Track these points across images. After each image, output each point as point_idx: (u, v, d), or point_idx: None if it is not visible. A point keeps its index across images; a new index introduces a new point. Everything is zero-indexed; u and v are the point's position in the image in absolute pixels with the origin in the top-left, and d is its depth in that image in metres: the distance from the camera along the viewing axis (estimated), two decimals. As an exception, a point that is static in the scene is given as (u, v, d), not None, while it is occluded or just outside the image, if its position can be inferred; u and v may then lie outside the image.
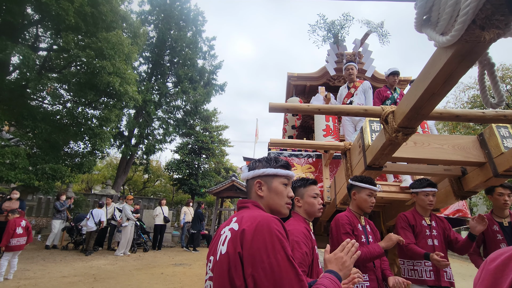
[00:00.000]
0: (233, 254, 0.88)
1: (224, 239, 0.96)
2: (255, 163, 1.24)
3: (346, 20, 5.37)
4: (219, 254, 0.94)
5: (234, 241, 0.91)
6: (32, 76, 8.49)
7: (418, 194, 2.65)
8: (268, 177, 1.18)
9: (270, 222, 0.93)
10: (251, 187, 1.18)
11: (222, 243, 0.95)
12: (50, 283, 5.00)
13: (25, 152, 8.21)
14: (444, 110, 1.73)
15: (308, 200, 1.90)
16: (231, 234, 0.94)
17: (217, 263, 0.94)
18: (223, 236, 0.99)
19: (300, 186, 1.91)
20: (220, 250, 0.94)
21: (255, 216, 0.96)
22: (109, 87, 9.23)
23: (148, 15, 16.54)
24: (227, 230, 0.99)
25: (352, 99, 4.24)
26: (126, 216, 8.48)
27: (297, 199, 1.91)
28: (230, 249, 0.90)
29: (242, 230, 0.92)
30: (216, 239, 1.04)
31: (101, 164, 22.37)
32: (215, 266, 0.95)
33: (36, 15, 9.20)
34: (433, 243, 2.55)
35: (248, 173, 1.20)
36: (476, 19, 0.91)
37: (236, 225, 0.97)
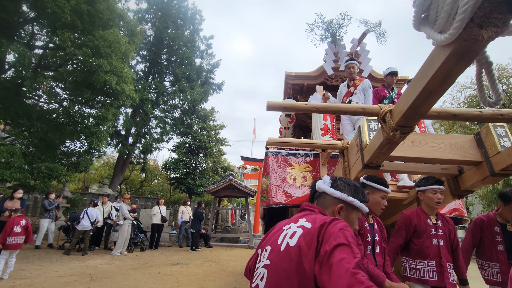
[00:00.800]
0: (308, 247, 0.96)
1: (292, 234, 1.05)
2: (344, 185, 1.29)
3: (344, 19, 5.38)
4: (285, 245, 1.02)
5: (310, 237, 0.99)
6: (28, 74, 8.41)
7: (425, 192, 2.56)
8: (351, 206, 1.26)
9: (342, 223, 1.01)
10: (330, 204, 1.26)
11: (290, 237, 1.04)
12: (46, 282, 4.96)
13: (20, 151, 8.14)
14: (441, 109, 1.73)
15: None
16: (303, 231, 1.03)
17: (281, 253, 1.02)
18: (288, 231, 1.07)
19: None
20: (287, 242, 1.03)
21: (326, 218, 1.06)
22: (106, 86, 9.17)
23: (145, 14, 16.45)
24: (295, 227, 1.07)
25: (351, 98, 4.24)
26: (123, 216, 8.44)
27: None
28: (302, 242, 0.98)
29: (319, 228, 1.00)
30: (276, 232, 1.14)
31: (97, 163, 22.26)
32: (278, 256, 1.03)
33: (32, 12, 9.12)
34: (438, 243, 2.47)
35: (334, 191, 1.26)
36: (474, 18, 0.91)
37: (309, 224, 1.05)
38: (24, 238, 5.25)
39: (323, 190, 1.29)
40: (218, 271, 6.61)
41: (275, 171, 4.13)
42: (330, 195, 1.26)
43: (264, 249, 1.13)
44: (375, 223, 2.32)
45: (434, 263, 2.41)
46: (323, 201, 1.29)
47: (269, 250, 1.09)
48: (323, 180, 1.34)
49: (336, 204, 1.25)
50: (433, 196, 2.50)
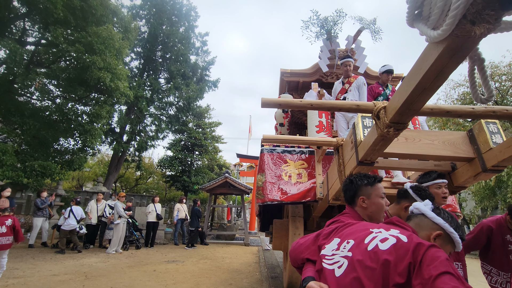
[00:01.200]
0: (400, 258, 0.98)
1: (384, 239, 1.08)
2: (447, 216, 1.26)
3: (339, 17, 5.37)
4: (374, 246, 1.06)
5: (404, 249, 1.00)
6: (20, 71, 8.29)
7: (429, 188, 2.36)
8: (448, 238, 1.23)
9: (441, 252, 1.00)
10: (426, 227, 1.25)
11: (381, 241, 1.07)
12: (40, 281, 4.92)
13: (13, 149, 8.04)
14: (435, 106, 1.74)
15: (376, 200, 1.60)
16: (397, 241, 1.04)
17: (367, 252, 1.06)
18: (379, 235, 1.11)
19: (367, 184, 1.63)
20: (377, 244, 1.06)
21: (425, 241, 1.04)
22: (100, 83, 9.07)
23: (139, 10, 16.27)
24: (386, 234, 1.10)
25: (346, 95, 4.25)
26: (118, 214, 8.40)
27: (362, 199, 1.61)
28: (393, 252, 1.01)
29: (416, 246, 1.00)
30: (363, 231, 1.17)
31: (92, 161, 22.07)
32: (362, 253, 1.07)
33: (23, 8, 8.96)
34: None
35: (436, 216, 1.24)
36: (467, 14, 0.92)
37: (404, 237, 1.06)
38: (11, 238, 5.07)
39: (422, 212, 1.28)
40: (213, 268, 6.62)
41: (270, 168, 4.13)
42: (430, 219, 1.25)
43: (346, 241, 1.17)
44: None
45: None
46: (419, 222, 1.27)
47: (352, 244, 1.14)
48: (423, 203, 1.32)
49: (434, 229, 1.22)
50: (439, 191, 2.32)
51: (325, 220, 5.04)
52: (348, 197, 1.68)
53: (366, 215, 1.59)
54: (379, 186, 1.63)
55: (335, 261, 1.14)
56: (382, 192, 1.62)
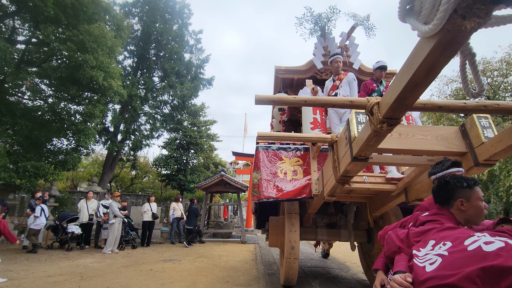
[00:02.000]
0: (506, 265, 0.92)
1: (488, 242, 1.03)
2: None
3: (333, 13, 5.38)
4: (476, 247, 1.02)
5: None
6: (10, 70, 8.15)
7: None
8: None
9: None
10: None
11: (485, 243, 1.02)
12: (35, 283, 4.87)
13: (4, 150, 7.92)
14: (427, 101, 1.75)
15: (476, 203, 1.52)
16: (506, 245, 0.98)
17: (466, 252, 1.03)
18: (482, 238, 1.06)
19: (466, 187, 1.55)
20: (480, 246, 1.02)
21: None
22: (93, 82, 8.96)
23: (132, 7, 16.08)
24: (492, 238, 1.05)
25: (337, 91, 4.27)
26: (113, 213, 8.34)
27: (461, 201, 1.53)
28: (503, 254, 0.95)
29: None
30: (465, 236, 1.13)
31: (86, 161, 21.86)
32: (460, 253, 1.04)
33: (12, 6, 8.79)
34: None
35: None
36: (457, 8, 0.92)
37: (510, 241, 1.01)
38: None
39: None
40: (210, 267, 6.62)
41: (266, 166, 4.13)
42: None
43: (442, 243, 1.16)
44: None
45: None
46: None
47: (449, 246, 1.12)
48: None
49: None
50: None
51: (321, 216, 5.08)
52: (442, 198, 1.61)
53: (463, 218, 1.53)
54: (478, 189, 1.57)
55: (427, 259, 1.15)
56: (481, 195, 1.56)
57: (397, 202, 3.33)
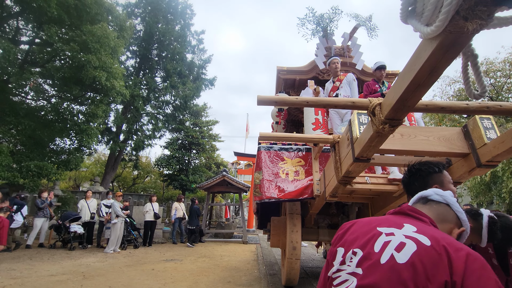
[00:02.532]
0: (427, 276, 0.76)
1: (399, 245, 0.84)
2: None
3: (335, 14, 5.37)
4: (389, 259, 0.82)
5: (431, 260, 0.78)
6: (14, 70, 8.22)
7: None
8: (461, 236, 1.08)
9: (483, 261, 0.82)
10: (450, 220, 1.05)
11: (396, 249, 0.84)
12: (38, 282, 4.90)
13: (8, 149, 7.98)
14: (429, 102, 1.75)
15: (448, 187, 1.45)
16: (418, 247, 0.82)
17: (380, 267, 0.82)
18: (391, 238, 0.88)
19: (438, 171, 1.45)
20: (392, 255, 0.83)
21: (455, 241, 0.86)
22: (95, 82, 9.01)
23: (134, 8, 16.16)
24: (402, 236, 0.87)
25: (338, 92, 4.28)
26: (115, 213, 8.37)
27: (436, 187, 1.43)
28: (418, 265, 0.78)
29: (448, 255, 0.79)
30: (368, 234, 0.93)
31: (89, 161, 21.96)
32: (375, 269, 0.83)
33: (16, 6, 8.86)
34: None
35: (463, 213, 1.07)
36: (459, 10, 0.92)
37: (425, 239, 0.84)
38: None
39: (449, 203, 1.07)
40: (212, 267, 6.64)
41: (267, 166, 4.14)
42: (455, 212, 1.06)
43: (352, 251, 0.92)
44: None
45: None
46: (444, 212, 1.06)
47: (360, 256, 0.88)
48: (447, 192, 1.13)
49: (458, 225, 1.04)
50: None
51: (323, 217, 5.09)
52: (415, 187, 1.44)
53: None
54: (447, 173, 1.51)
55: (342, 279, 0.89)
56: (450, 177, 1.50)
57: (399, 203, 3.33)
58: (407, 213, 1.01)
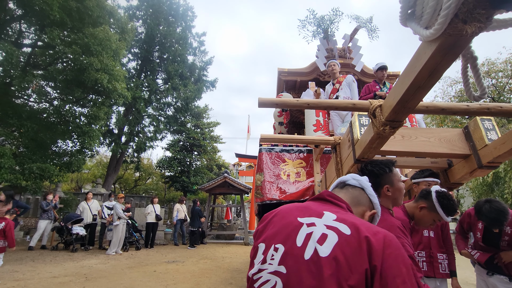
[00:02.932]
0: (350, 267, 0.75)
1: (321, 237, 0.81)
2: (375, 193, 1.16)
3: (336, 15, 5.39)
4: (312, 253, 0.79)
5: (352, 250, 0.77)
6: (17, 73, 8.26)
7: (419, 184, 2.54)
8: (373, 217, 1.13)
9: (397, 241, 0.82)
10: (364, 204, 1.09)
11: (319, 241, 0.80)
12: (40, 284, 4.92)
13: (11, 152, 8.01)
14: (430, 104, 1.76)
15: (398, 185, 1.58)
16: (339, 238, 0.79)
17: (304, 263, 0.78)
18: (313, 229, 0.84)
19: (389, 172, 1.59)
20: (315, 249, 0.79)
21: (371, 226, 0.85)
22: (97, 84, 9.04)
23: (136, 10, 16.23)
24: (323, 227, 0.84)
25: (338, 94, 4.30)
26: (117, 215, 8.40)
27: (387, 188, 1.57)
28: (340, 257, 0.76)
29: (367, 242, 0.78)
30: (289, 226, 0.89)
31: (90, 163, 22.03)
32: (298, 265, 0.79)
33: (19, 10, 8.91)
34: (428, 235, 2.56)
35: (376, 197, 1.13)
36: (458, 13, 0.93)
37: (345, 228, 0.81)
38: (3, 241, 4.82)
39: (363, 187, 1.11)
40: (214, 268, 6.64)
41: (269, 168, 4.15)
42: (368, 196, 1.10)
43: (273, 247, 0.86)
44: None
45: (424, 253, 2.51)
46: (359, 195, 1.09)
47: (282, 252, 0.83)
48: (364, 178, 1.16)
49: (370, 208, 1.09)
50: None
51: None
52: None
53: (389, 204, 1.57)
54: (396, 171, 1.62)
55: (264, 280, 0.82)
56: (400, 175, 1.61)
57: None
58: (326, 199, 1.00)
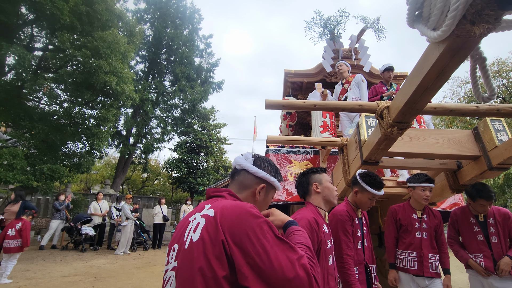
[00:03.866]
0: (212, 242, 0.82)
1: (195, 226, 0.89)
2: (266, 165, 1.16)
3: (342, 16, 5.37)
4: (189, 242, 0.87)
5: (212, 227, 0.84)
6: (28, 76, 8.45)
7: (415, 188, 2.67)
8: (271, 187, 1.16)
9: (250, 207, 0.89)
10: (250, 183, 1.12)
11: (193, 230, 0.88)
12: (51, 283, 5.01)
13: (22, 153, 8.19)
14: (438, 105, 1.75)
15: (327, 185, 1.83)
16: (206, 221, 0.87)
17: (185, 252, 0.86)
18: (193, 223, 0.92)
19: (315, 172, 1.87)
20: (191, 237, 0.87)
21: (234, 203, 0.92)
22: (106, 87, 9.20)
23: (144, 14, 16.46)
24: (199, 217, 0.92)
25: (347, 94, 4.27)
26: (125, 216, 8.50)
27: (316, 185, 1.81)
28: (205, 235, 0.84)
29: (222, 216, 0.86)
30: (183, 226, 0.97)
31: (99, 164, 22.34)
32: (183, 255, 0.87)
33: (31, 14, 9.13)
34: (421, 236, 2.64)
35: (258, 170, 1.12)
36: (466, 14, 0.93)
37: (211, 211, 0.90)
38: (19, 241, 5.07)
39: (244, 168, 1.11)
40: (220, 269, 6.66)
41: (275, 169, 4.14)
42: (253, 174, 1.11)
43: (172, 248, 0.96)
44: (362, 216, 2.39)
45: (415, 253, 2.61)
46: (242, 179, 1.11)
47: (177, 249, 0.92)
48: (244, 156, 1.17)
49: (258, 183, 1.10)
50: (422, 193, 2.63)
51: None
52: (304, 188, 1.85)
53: (321, 200, 1.80)
54: (327, 175, 1.90)
55: (166, 277, 0.92)
56: (330, 179, 1.89)
57: (409, 206, 3.29)
58: (211, 195, 1.07)
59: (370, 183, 2.15)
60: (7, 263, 5.03)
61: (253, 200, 1.11)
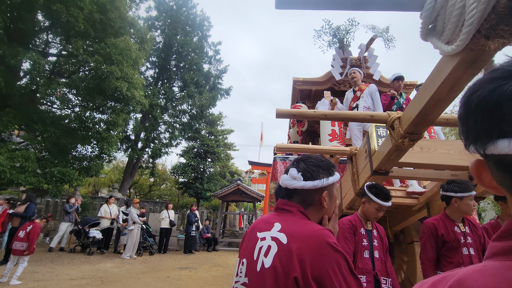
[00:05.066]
0: (285, 274, 0.81)
1: (267, 250, 0.88)
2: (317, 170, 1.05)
3: (351, 25, 5.40)
4: (260, 265, 0.87)
5: (286, 258, 0.83)
6: (42, 81, 8.68)
7: (463, 199, 2.24)
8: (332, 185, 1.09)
9: (327, 236, 0.87)
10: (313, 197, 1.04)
11: (265, 254, 0.88)
12: (59, 285, 5.05)
13: (34, 156, 8.37)
14: (450, 116, 1.73)
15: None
16: (278, 248, 0.86)
17: (257, 275, 0.87)
18: (263, 243, 0.91)
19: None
20: (262, 261, 0.87)
21: (308, 230, 0.89)
22: (117, 92, 9.38)
23: (155, 21, 16.81)
24: (270, 239, 0.90)
25: (358, 102, 4.26)
26: (132, 220, 8.55)
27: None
28: (277, 265, 0.83)
29: (299, 248, 0.84)
30: (251, 241, 0.97)
31: (108, 168, 22.60)
32: (255, 278, 0.88)
33: (47, 21, 9.42)
34: (468, 252, 2.23)
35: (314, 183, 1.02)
36: (481, 29, 0.93)
37: (283, 237, 0.88)
38: (25, 244, 5.07)
39: (299, 187, 1.01)
40: (226, 276, 6.62)
41: (283, 177, 4.15)
42: (307, 189, 1.02)
43: (241, 262, 0.97)
44: (374, 229, 2.34)
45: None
46: (303, 197, 1.04)
47: (246, 264, 0.93)
48: (289, 175, 1.05)
49: (320, 193, 1.03)
50: (471, 203, 2.24)
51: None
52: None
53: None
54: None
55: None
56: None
57: (419, 217, 3.24)
58: (280, 207, 1.04)
59: (376, 193, 2.18)
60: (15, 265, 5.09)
61: (322, 208, 1.05)
